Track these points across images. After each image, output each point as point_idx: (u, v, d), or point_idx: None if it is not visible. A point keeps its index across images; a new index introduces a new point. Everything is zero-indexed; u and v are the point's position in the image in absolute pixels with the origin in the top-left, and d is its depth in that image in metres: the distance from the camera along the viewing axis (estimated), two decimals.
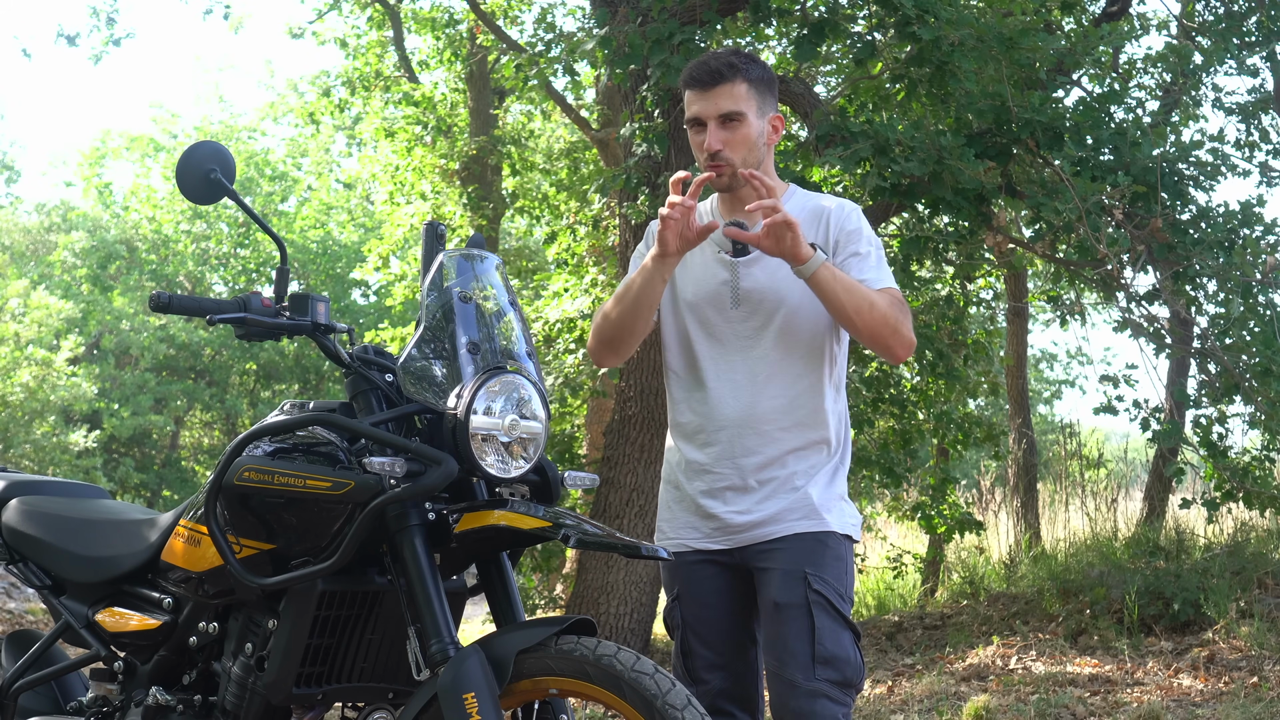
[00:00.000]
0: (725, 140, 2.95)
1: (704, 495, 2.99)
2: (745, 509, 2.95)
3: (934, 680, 6.81)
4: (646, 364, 7.73)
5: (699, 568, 3.00)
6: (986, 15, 6.98)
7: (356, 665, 2.86)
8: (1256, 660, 6.47)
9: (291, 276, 3.02)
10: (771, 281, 2.97)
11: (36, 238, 24.29)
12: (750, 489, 2.95)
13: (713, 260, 3.03)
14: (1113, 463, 12.07)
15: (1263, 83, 10.07)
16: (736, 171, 2.95)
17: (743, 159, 2.96)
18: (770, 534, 2.93)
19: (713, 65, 2.97)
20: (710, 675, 2.98)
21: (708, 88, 2.96)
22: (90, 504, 3.37)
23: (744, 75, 2.96)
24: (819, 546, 2.91)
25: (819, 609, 2.86)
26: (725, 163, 2.96)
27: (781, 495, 2.93)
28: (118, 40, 13.36)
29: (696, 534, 3.01)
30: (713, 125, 2.96)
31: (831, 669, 2.84)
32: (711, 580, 2.99)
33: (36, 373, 17.84)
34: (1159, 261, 6.98)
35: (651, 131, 7.10)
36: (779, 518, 2.93)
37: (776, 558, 2.91)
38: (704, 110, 2.97)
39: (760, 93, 2.98)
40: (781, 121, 3.05)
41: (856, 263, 2.95)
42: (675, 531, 3.05)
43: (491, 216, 12.95)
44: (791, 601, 2.87)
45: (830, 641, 2.85)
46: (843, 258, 2.96)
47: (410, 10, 13.26)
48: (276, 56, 59.87)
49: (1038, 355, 23.32)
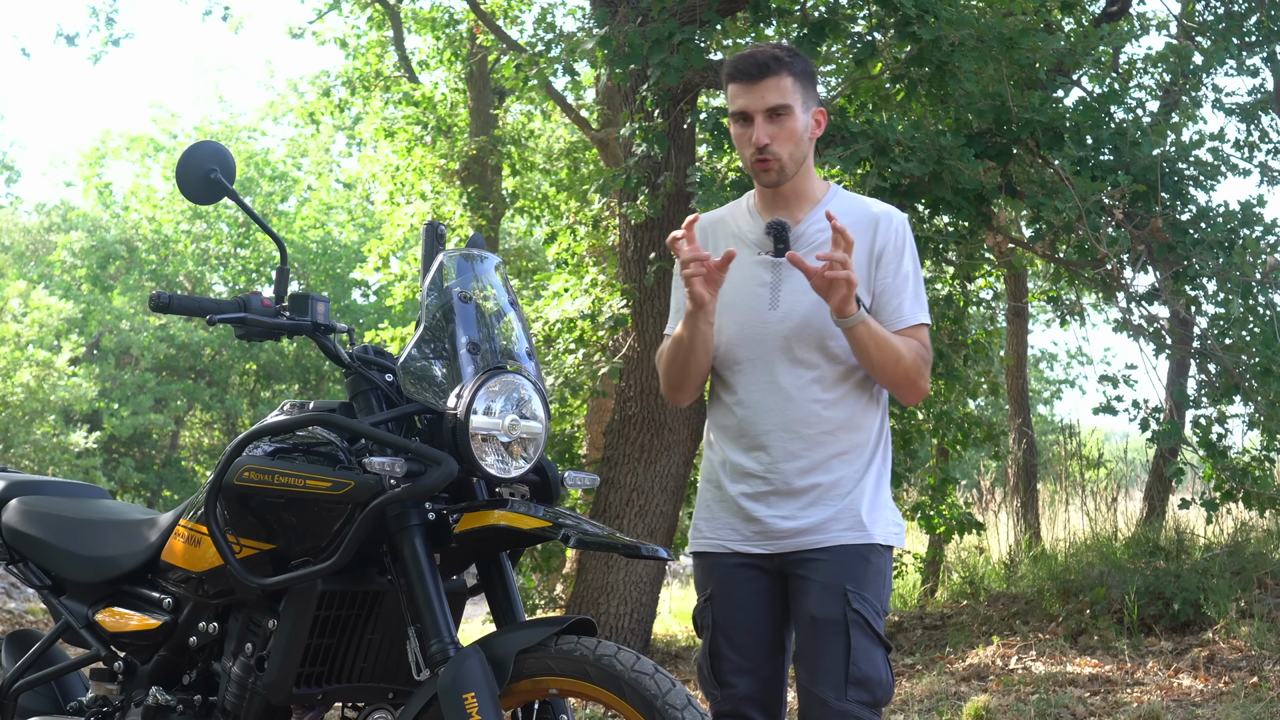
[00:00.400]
0: (773, 134, 2.91)
1: (747, 498, 2.94)
2: (789, 514, 2.90)
3: (934, 680, 6.81)
4: (646, 364, 7.73)
5: (736, 570, 2.96)
6: (986, 15, 6.97)
7: (356, 665, 2.86)
8: (1256, 660, 6.47)
9: (291, 276, 3.02)
10: None
11: (36, 238, 24.28)
12: (795, 494, 2.90)
13: (751, 262, 2.98)
14: (1113, 463, 12.06)
15: (1263, 83, 10.08)
16: (784, 166, 2.92)
17: (789, 153, 2.92)
18: (813, 543, 2.88)
19: (759, 58, 2.93)
20: (737, 679, 2.95)
21: (754, 81, 2.91)
22: (90, 504, 3.37)
23: (789, 69, 2.92)
24: (861, 562, 2.87)
25: (856, 628, 2.83)
26: (773, 157, 2.92)
27: (827, 502, 2.89)
28: (117, 40, 13.38)
29: (736, 536, 2.96)
30: (760, 119, 2.91)
31: (863, 690, 2.83)
32: (748, 584, 2.95)
33: (37, 373, 17.83)
34: (1159, 261, 6.98)
35: (651, 131, 7.10)
36: (823, 527, 2.88)
37: (817, 569, 2.87)
38: (750, 104, 2.92)
39: (804, 86, 2.94)
40: (824, 115, 2.99)
41: (896, 286, 2.93)
42: (714, 532, 3.00)
43: (491, 216, 12.94)
44: (829, 618, 2.84)
45: (864, 662, 2.83)
46: (884, 274, 2.93)
47: (410, 10, 13.26)
48: (276, 56, 59.94)
49: (1038, 355, 23.31)
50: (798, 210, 2.99)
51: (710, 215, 3.12)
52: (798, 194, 2.99)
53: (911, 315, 2.94)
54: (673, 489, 7.79)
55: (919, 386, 2.95)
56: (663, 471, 7.71)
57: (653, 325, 7.77)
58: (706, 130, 7.02)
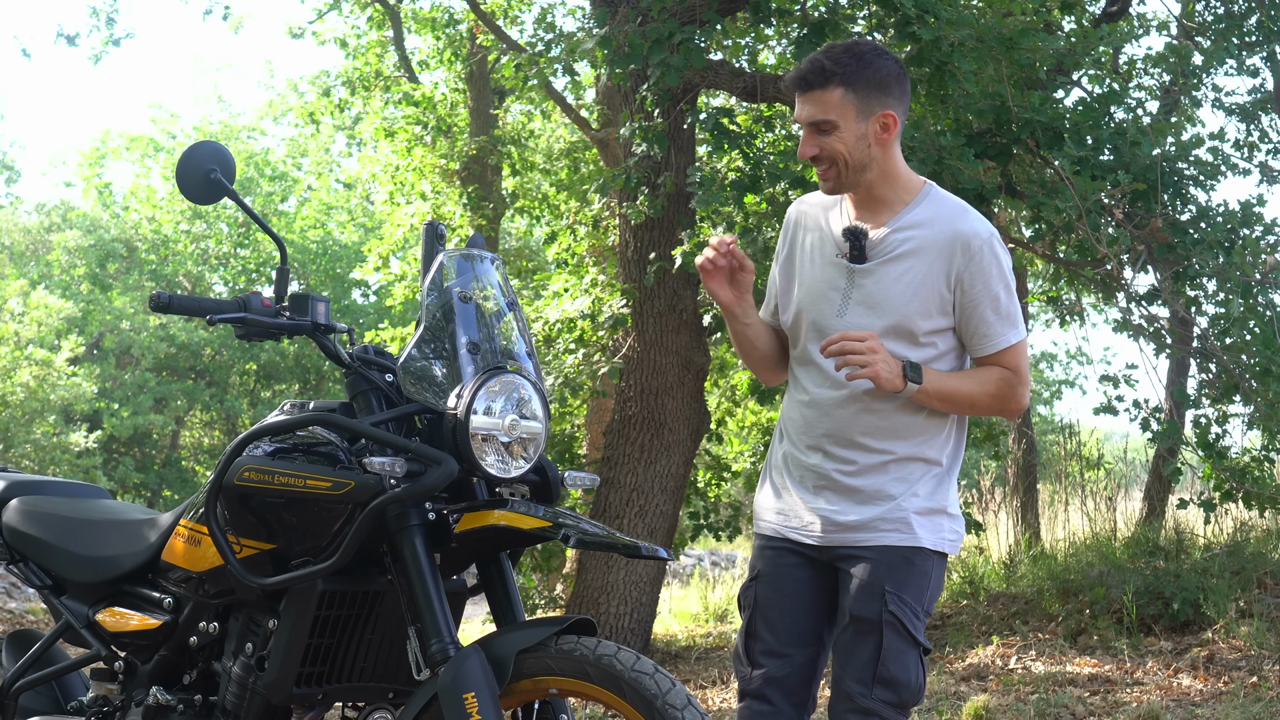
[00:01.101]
0: (820, 145, 2.90)
1: (805, 491, 2.97)
2: (843, 509, 2.92)
3: (934, 680, 6.81)
4: (646, 364, 7.73)
5: (786, 555, 2.99)
6: (986, 15, 6.97)
7: (356, 665, 2.86)
8: (1256, 660, 6.47)
9: (291, 276, 3.02)
10: (885, 295, 2.89)
11: (36, 238, 24.26)
12: (849, 492, 2.92)
13: (830, 262, 2.97)
14: (1112, 463, 12.05)
15: (1263, 83, 10.08)
16: (840, 175, 2.90)
17: (845, 162, 2.89)
18: (861, 540, 2.90)
19: (805, 68, 2.90)
20: (767, 661, 2.97)
21: (803, 92, 2.91)
22: (90, 504, 3.37)
23: (840, 79, 2.86)
24: (904, 564, 2.88)
25: (890, 629, 2.84)
26: (828, 165, 2.91)
27: (877, 503, 2.90)
28: (117, 40, 13.36)
29: (792, 525, 2.99)
30: (806, 131, 2.92)
31: (890, 691, 2.84)
32: (795, 570, 2.98)
33: (36, 373, 17.81)
34: (1159, 261, 6.98)
35: (651, 131, 7.10)
36: (871, 525, 2.89)
37: (861, 567, 2.89)
38: (799, 115, 2.93)
39: (863, 95, 2.87)
40: (894, 120, 2.91)
41: (983, 312, 2.89)
42: (773, 516, 3.03)
43: (491, 216, 12.93)
44: (865, 616, 2.86)
45: (894, 664, 2.84)
46: (967, 298, 2.89)
47: (410, 10, 13.25)
48: (276, 56, 59.93)
49: (1038, 355, 23.31)
50: (883, 213, 2.95)
51: (810, 198, 3.11)
52: (879, 198, 2.95)
53: (1000, 339, 2.91)
54: (673, 489, 7.79)
55: (1009, 411, 2.98)
56: (663, 471, 7.71)
57: (652, 325, 7.77)
58: (706, 130, 7.02)
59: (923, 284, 2.87)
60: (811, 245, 3.02)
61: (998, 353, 2.92)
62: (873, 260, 2.91)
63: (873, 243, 2.92)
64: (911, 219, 2.92)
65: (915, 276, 2.88)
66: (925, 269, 2.88)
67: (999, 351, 2.92)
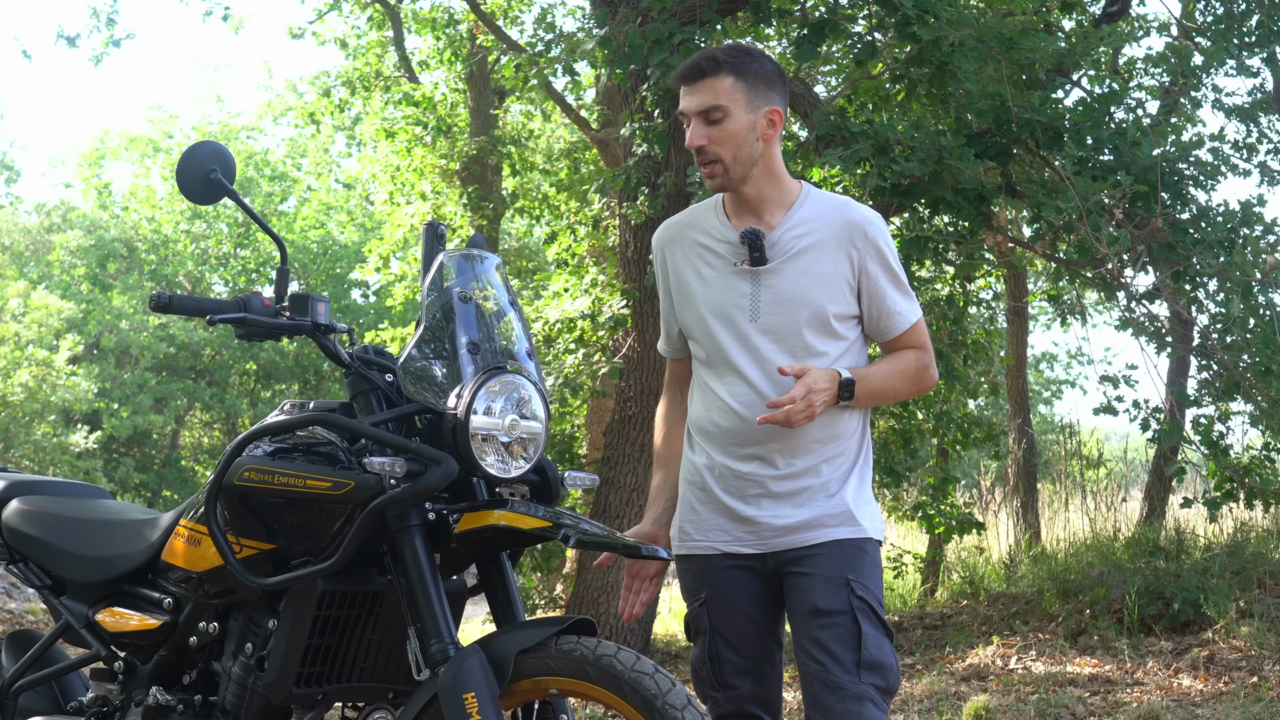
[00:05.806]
0: (708, 136, 2.90)
1: (737, 500, 2.95)
2: (782, 513, 2.92)
3: (934, 680, 6.81)
4: (646, 364, 7.73)
5: (730, 573, 2.97)
6: (986, 15, 6.97)
7: (356, 665, 2.86)
8: (1256, 660, 6.47)
9: (291, 276, 3.02)
10: (794, 289, 2.91)
11: (36, 238, 24.27)
12: (785, 496, 2.92)
13: (728, 272, 2.97)
14: (1113, 463, 12.07)
15: (1263, 83, 10.08)
16: (728, 169, 2.91)
17: (732, 155, 2.90)
18: (808, 539, 2.90)
19: (695, 60, 2.94)
20: (739, 680, 2.96)
21: (690, 82, 2.93)
22: (90, 504, 3.37)
23: (730, 69, 2.90)
24: (858, 553, 2.90)
25: (863, 615, 2.85)
26: (714, 159, 2.91)
27: (818, 501, 2.92)
28: (118, 41, 13.38)
29: (727, 537, 2.96)
30: (695, 121, 2.92)
31: (876, 675, 2.84)
32: (743, 585, 2.96)
33: (36, 373, 17.82)
34: (1159, 261, 6.98)
35: (651, 131, 7.10)
36: (818, 523, 2.90)
37: (815, 563, 2.89)
38: (686, 105, 2.94)
39: (751, 86, 2.90)
40: (780, 116, 2.94)
41: (884, 292, 2.96)
42: (702, 534, 3.00)
43: (491, 216, 12.94)
44: (835, 608, 2.85)
45: (874, 648, 2.85)
46: (870, 283, 2.95)
47: (410, 10, 13.25)
48: (276, 57, 59.92)
49: (1038, 355, 23.33)
50: (769, 215, 2.96)
51: (675, 220, 3.11)
52: (764, 198, 2.96)
53: (906, 317, 3.00)
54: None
55: (925, 389, 3.10)
56: None
57: (652, 325, 7.77)
58: None
59: (828, 273, 2.92)
60: (697, 263, 3.01)
61: (906, 331, 3.00)
62: (774, 260, 2.92)
63: (770, 243, 2.93)
64: (802, 215, 2.95)
65: (820, 268, 2.91)
66: (828, 259, 2.92)
67: (908, 330, 3.00)
